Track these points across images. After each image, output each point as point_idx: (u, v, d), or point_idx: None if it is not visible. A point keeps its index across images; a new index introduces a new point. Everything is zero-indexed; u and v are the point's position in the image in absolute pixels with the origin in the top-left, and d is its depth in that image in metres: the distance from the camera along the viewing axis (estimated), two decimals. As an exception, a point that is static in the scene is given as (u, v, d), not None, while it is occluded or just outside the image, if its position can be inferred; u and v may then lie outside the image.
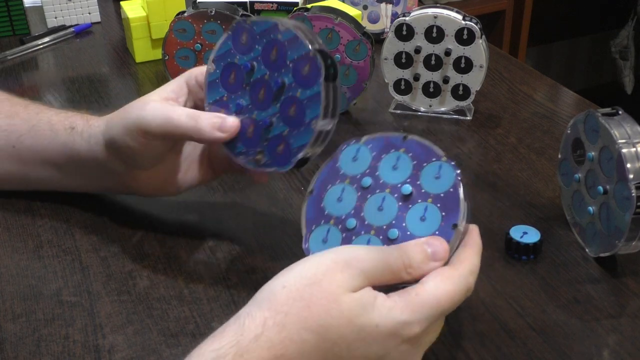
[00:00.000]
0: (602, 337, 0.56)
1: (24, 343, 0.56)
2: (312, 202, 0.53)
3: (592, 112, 0.62)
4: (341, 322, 0.44)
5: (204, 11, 0.84)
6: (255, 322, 0.43)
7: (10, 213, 0.71)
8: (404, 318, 0.45)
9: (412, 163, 0.52)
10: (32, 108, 0.70)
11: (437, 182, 0.51)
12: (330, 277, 0.44)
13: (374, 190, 0.51)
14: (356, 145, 0.53)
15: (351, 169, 0.53)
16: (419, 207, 0.50)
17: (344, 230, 0.51)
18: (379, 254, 0.47)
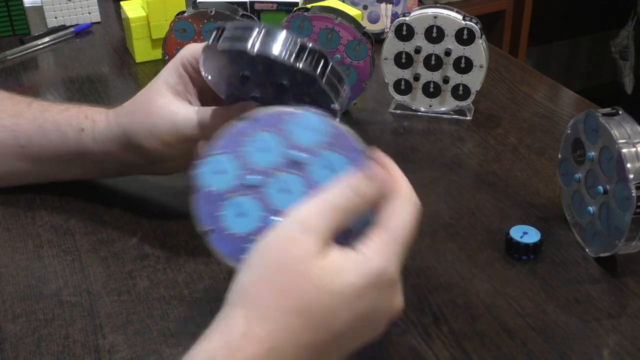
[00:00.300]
0: (602, 337, 0.56)
1: (24, 343, 0.56)
2: (239, 129, 0.48)
3: (592, 112, 0.62)
4: (318, 294, 0.43)
5: (204, 11, 0.84)
6: (238, 322, 0.43)
7: (10, 213, 0.71)
8: (376, 266, 0.45)
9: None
10: (35, 106, 0.70)
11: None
12: (291, 255, 0.44)
13: (298, 170, 0.48)
14: (316, 117, 0.49)
15: (300, 136, 0.48)
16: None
17: (241, 178, 0.48)
18: (322, 203, 0.45)
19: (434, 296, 0.60)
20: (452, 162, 0.80)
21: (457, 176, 0.77)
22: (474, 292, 0.61)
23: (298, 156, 0.48)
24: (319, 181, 0.48)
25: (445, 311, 0.59)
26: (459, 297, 0.60)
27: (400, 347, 0.56)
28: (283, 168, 0.48)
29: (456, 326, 0.57)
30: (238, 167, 0.48)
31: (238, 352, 0.41)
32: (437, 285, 0.62)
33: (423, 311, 0.59)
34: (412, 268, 0.64)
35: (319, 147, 0.48)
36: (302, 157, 0.48)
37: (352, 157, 0.48)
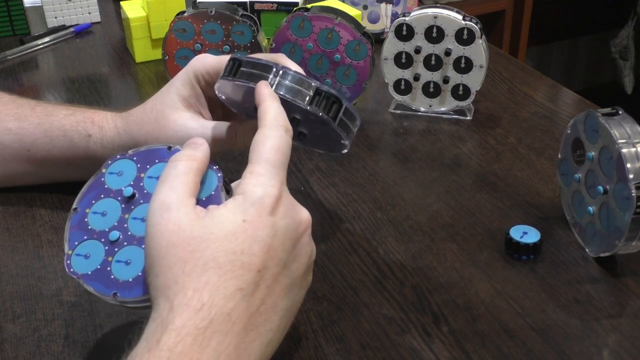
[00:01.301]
0: (602, 337, 0.56)
1: (24, 343, 0.56)
2: (75, 220, 0.52)
3: (592, 112, 0.62)
4: (215, 244, 0.45)
5: (204, 11, 0.84)
6: (162, 304, 0.44)
7: (10, 213, 0.71)
8: (255, 196, 0.47)
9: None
10: (39, 110, 0.70)
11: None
12: (169, 232, 0.45)
13: (138, 202, 0.52)
14: (122, 160, 0.53)
15: (115, 183, 0.53)
16: None
17: (106, 243, 0.51)
18: (161, 180, 0.48)
19: (434, 296, 0.60)
20: (452, 162, 0.80)
21: (457, 176, 0.77)
22: (474, 292, 0.61)
23: (124, 192, 0.52)
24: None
25: (445, 311, 0.59)
26: (459, 297, 0.60)
27: (400, 347, 0.56)
28: (126, 211, 0.51)
29: (456, 326, 0.57)
30: (97, 241, 0.51)
31: (171, 324, 0.42)
32: (437, 285, 0.62)
33: (423, 311, 0.59)
34: (412, 268, 0.64)
35: (137, 176, 0.52)
36: (127, 191, 0.52)
37: (164, 157, 0.52)
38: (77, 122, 0.68)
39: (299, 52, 0.84)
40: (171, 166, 0.49)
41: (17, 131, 0.69)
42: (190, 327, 0.42)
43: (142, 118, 0.64)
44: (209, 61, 0.63)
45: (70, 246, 0.51)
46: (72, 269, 0.50)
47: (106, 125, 0.67)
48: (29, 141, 0.68)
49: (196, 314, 0.43)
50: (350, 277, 0.63)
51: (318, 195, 0.74)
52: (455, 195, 0.74)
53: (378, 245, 0.67)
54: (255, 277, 0.45)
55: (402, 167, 0.79)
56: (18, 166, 0.70)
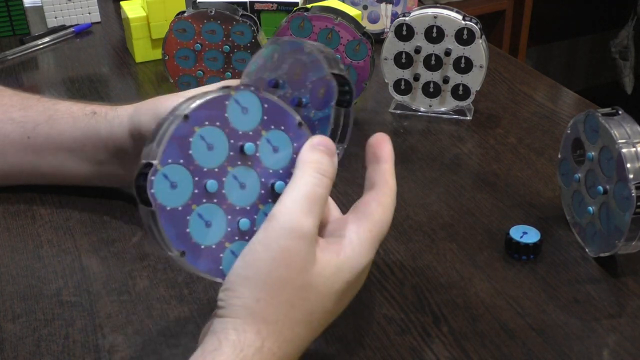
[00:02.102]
0: (602, 337, 0.56)
1: (24, 343, 0.56)
2: (181, 130, 0.44)
3: (592, 112, 0.62)
4: (322, 300, 0.45)
5: (204, 11, 0.84)
6: (251, 336, 0.43)
7: (10, 213, 0.71)
8: (365, 262, 0.47)
9: (291, 157, 0.48)
10: (45, 100, 0.72)
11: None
12: (291, 267, 0.44)
13: (246, 162, 0.46)
14: (253, 96, 0.47)
15: (237, 118, 0.46)
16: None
17: (198, 185, 0.44)
18: (301, 200, 0.44)
19: (434, 296, 0.60)
20: (452, 162, 0.80)
21: (457, 176, 0.77)
22: (473, 292, 0.61)
23: (243, 146, 0.46)
24: (267, 166, 0.47)
25: (445, 311, 0.59)
26: (458, 297, 0.60)
27: (400, 347, 0.56)
28: (232, 162, 0.46)
29: (456, 326, 0.57)
30: (191, 176, 0.44)
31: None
32: (437, 285, 0.62)
33: (423, 311, 0.59)
34: (412, 268, 0.64)
35: (258, 129, 0.47)
36: (246, 146, 0.46)
37: (291, 130, 0.48)
38: (85, 105, 0.70)
39: (299, 52, 0.83)
40: (316, 180, 0.46)
41: (21, 119, 0.70)
42: None
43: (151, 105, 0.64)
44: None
45: (163, 160, 0.43)
46: (153, 189, 0.43)
47: (112, 108, 0.68)
48: (30, 127, 0.69)
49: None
50: (350, 277, 0.63)
51: (318, 195, 0.74)
52: (455, 195, 0.74)
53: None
54: (319, 322, 0.47)
55: (402, 167, 0.79)
56: (17, 156, 0.70)
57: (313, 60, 0.53)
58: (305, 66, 0.53)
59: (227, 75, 0.87)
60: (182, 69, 0.87)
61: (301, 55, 0.54)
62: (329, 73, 0.52)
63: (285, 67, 0.55)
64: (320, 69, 0.52)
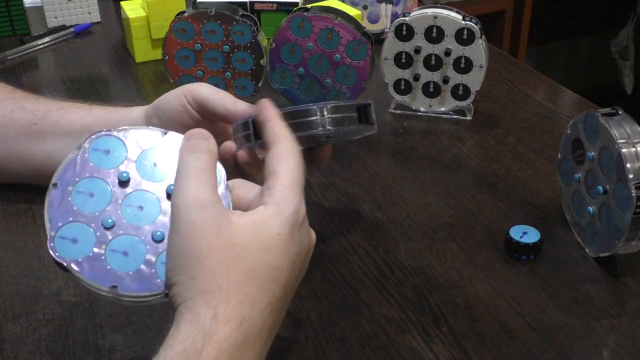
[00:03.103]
0: (602, 337, 0.56)
1: (24, 343, 0.56)
2: (56, 197, 0.47)
3: (592, 112, 0.62)
4: (255, 254, 0.45)
5: (204, 11, 0.84)
6: (203, 308, 0.43)
7: (10, 213, 0.71)
8: (290, 210, 0.47)
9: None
10: (59, 100, 0.73)
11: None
12: (208, 235, 0.44)
13: (132, 188, 0.48)
14: (108, 138, 0.49)
15: (102, 162, 0.48)
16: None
17: (98, 229, 0.47)
18: (189, 177, 0.46)
19: (434, 296, 0.60)
20: (452, 162, 0.80)
21: (457, 176, 0.77)
22: (473, 292, 0.61)
23: (120, 176, 0.48)
24: (155, 180, 0.49)
25: (445, 311, 0.59)
26: (459, 297, 0.60)
27: (400, 347, 0.56)
28: (119, 196, 0.48)
29: (456, 326, 0.57)
30: (84, 225, 0.47)
31: (214, 334, 0.42)
32: (437, 285, 0.62)
33: (423, 311, 0.59)
34: (412, 268, 0.64)
35: (129, 158, 0.49)
36: (120, 175, 0.48)
37: (157, 144, 0.50)
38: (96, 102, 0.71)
39: (299, 52, 0.84)
40: (194, 158, 0.47)
41: (32, 108, 0.71)
42: (230, 340, 0.42)
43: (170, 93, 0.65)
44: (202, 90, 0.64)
45: (53, 227, 0.47)
46: (57, 252, 0.46)
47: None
48: (40, 114, 0.70)
49: (237, 327, 0.43)
50: (350, 277, 0.63)
51: (318, 195, 0.74)
52: (455, 195, 0.74)
53: (378, 245, 0.67)
54: (281, 292, 0.46)
55: (402, 167, 0.79)
56: (18, 141, 0.70)
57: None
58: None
59: (227, 75, 0.87)
60: (182, 69, 0.87)
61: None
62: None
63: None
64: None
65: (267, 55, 0.85)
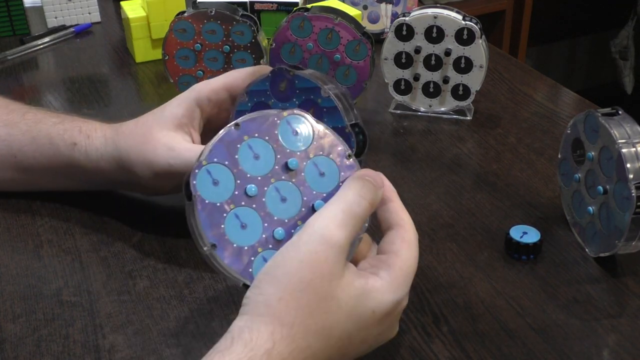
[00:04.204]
0: (602, 337, 0.56)
1: (24, 343, 0.56)
2: (230, 136, 0.48)
3: (592, 112, 0.62)
4: (341, 317, 0.45)
5: (204, 11, 0.84)
6: (264, 337, 0.43)
7: (10, 213, 0.71)
8: (396, 298, 0.47)
9: (337, 184, 0.49)
10: (29, 117, 0.70)
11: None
12: (318, 272, 0.44)
13: (291, 177, 0.48)
14: (304, 120, 0.50)
15: (287, 137, 0.49)
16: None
17: (239, 188, 0.47)
18: (339, 213, 0.46)
19: (434, 296, 0.60)
20: (452, 162, 0.80)
21: (457, 176, 0.77)
22: (473, 292, 0.61)
23: (289, 162, 0.48)
24: (312, 187, 0.49)
25: (445, 311, 0.59)
26: (458, 297, 0.60)
27: (400, 347, 0.56)
28: (276, 175, 0.48)
29: (456, 326, 0.57)
30: (233, 177, 0.47)
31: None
32: (437, 285, 0.62)
33: (423, 311, 0.59)
34: (412, 268, 0.64)
35: (306, 151, 0.49)
36: (292, 163, 0.48)
37: (339, 160, 0.49)
38: (64, 130, 0.67)
39: (299, 52, 0.84)
40: (357, 199, 0.47)
41: (6, 137, 0.69)
42: None
43: (131, 130, 0.64)
44: (213, 81, 0.64)
45: (209, 158, 0.47)
46: (195, 181, 0.46)
47: (93, 134, 0.66)
48: (16, 148, 0.68)
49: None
50: (350, 277, 0.63)
51: (318, 195, 0.74)
52: (455, 195, 0.74)
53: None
54: (337, 357, 0.46)
55: (402, 167, 0.79)
56: (5, 173, 0.70)
57: (330, 108, 0.55)
58: (321, 110, 0.56)
59: (227, 75, 0.87)
60: (182, 69, 0.87)
61: (316, 97, 0.56)
62: (348, 125, 0.55)
63: (295, 103, 0.57)
64: (338, 118, 0.55)
65: (267, 55, 0.85)
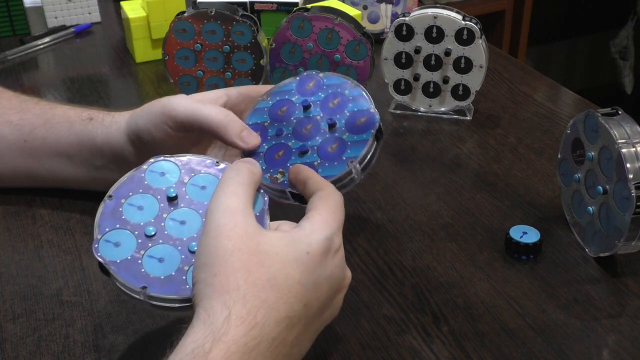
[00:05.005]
0: (602, 337, 0.56)
1: (24, 343, 0.56)
2: (109, 207, 0.52)
3: (591, 112, 0.62)
4: (278, 266, 0.46)
5: (204, 11, 0.84)
6: (218, 308, 0.43)
7: (10, 213, 0.71)
8: (323, 235, 0.48)
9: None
10: (43, 104, 0.72)
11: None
12: (236, 237, 0.46)
13: (179, 205, 0.52)
14: (165, 162, 0.54)
15: (157, 182, 0.53)
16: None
17: (140, 236, 0.51)
18: (229, 186, 0.49)
19: (434, 296, 0.61)
20: (452, 162, 0.80)
21: (456, 176, 0.77)
22: (473, 292, 0.61)
23: (169, 193, 0.52)
24: (200, 200, 0.52)
25: (445, 311, 0.59)
26: (458, 297, 0.60)
27: (400, 347, 0.56)
28: (165, 210, 0.52)
29: (456, 326, 0.57)
30: (130, 232, 0.51)
31: (224, 335, 0.42)
32: (437, 285, 0.62)
33: (423, 311, 0.59)
34: (412, 268, 0.64)
35: (180, 179, 0.53)
36: (172, 192, 0.52)
37: (212, 170, 0.54)
38: (82, 110, 0.70)
39: (299, 52, 0.84)
40: (235, 172, 0.50)
41: (18, 122, 0.70)
42: (240, 344, 0.42)
43: (149, 107, 0.64)
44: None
45: (100, 231, 0.51)
46: (99, 253, 0.50)
47: (107, 114, 0.68)
48: (27, 131, 0.69)
49: (249, 331, 0.43)
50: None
51: (318, 195, 0.74)
52: (455, 195, 0.74)
53: (378, 245, 0.67)
54: (302, 310, 0.46)
55: (402, 167, 0.79)
56: (13, 158, 0.70)
57: (357, 95, 0.60)
58: (346, 98, 0.60)
59: (227, 75, 0.87)
60: (182, 69, 0.87)
61: (343, 89, 0.60)
62: (373, 107, 0.58)
63: (320, 95, 0.60)
64: (364, 102, 0.59)
65: (267, 55, 0.85)
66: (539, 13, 2.35)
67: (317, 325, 0.49)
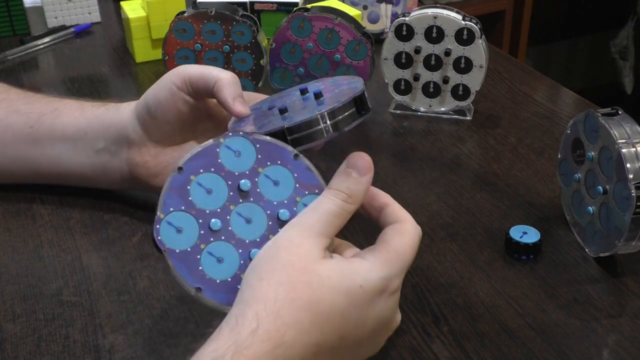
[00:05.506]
0: (602, 337, 0.56)
1: (24, 343, 0.56)
2: (177, 182, 0.48)
3: (591, 112, 0.62)
4: (326, 290, 0.44)
5: (204, 11, 0.84)
6: (248, 317, 0.43)
7: (10, 213, 0.71)
8: (384, 274, 0.46)
9: (294, 187, 0.50)
10: (53, 97, 0.73)
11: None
12: (298, 254, 0.45)
13: (248, 198, 0.49)
14: (243, 140, 0.50)
15: (231, 162, 0.49)
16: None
17: (204, 227, 0.48)
18: (320, 211, 0.47)
19: (434, 296, 0.61)
20: (452, 162, 0.80)
21: (456, 176, 0.77)
22: (473, 292, 0.61)
23: (241, 185, 0.49)
24: (271, 198, 0.49)
25: (445, 311, 0.59)
26: (458, 297, 0.60)
27: (400, 347, 0.56)
28: (234, 201, 0.49)
29: (456, 326, 0.57)
30: (194, 219, 0.48)
31: (246, 349, 0.41)
32: (437, 285, 0.62)
33: (423, 311, 0.59)
34: (412, 268, 0.64)
35: (254, 167, 0.49)
36: (245, 185, 0.49)
37: (288, 163, 0.50)
38: (94, 102, 0.71)
39: (299, 52, 0.84)
40: (329, 199, 0.47)
41: (26, 110, 0.70)
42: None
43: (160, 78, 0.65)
44: (189, 71, 0.63)
45: (164, 210, 0.48)
46: (160, 236, 0.47)
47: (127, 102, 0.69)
48: (35, 117, 0.70)
49: (273, 349, 0.42)
50: (350, 277, 0.63)
51: (318, 195, 0.74)
52: (455, 195, 0.74)
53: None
54: (336, 341, 0.45)
55: (402, 167, 0.79)
56: (16, 146, 0.70)
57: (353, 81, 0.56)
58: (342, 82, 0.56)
59: (227, 75, 0.87)
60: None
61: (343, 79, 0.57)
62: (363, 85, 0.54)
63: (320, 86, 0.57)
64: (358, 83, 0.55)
65: (267, 55, 0.85)
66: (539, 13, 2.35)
67: (350, 358, 0.48)
